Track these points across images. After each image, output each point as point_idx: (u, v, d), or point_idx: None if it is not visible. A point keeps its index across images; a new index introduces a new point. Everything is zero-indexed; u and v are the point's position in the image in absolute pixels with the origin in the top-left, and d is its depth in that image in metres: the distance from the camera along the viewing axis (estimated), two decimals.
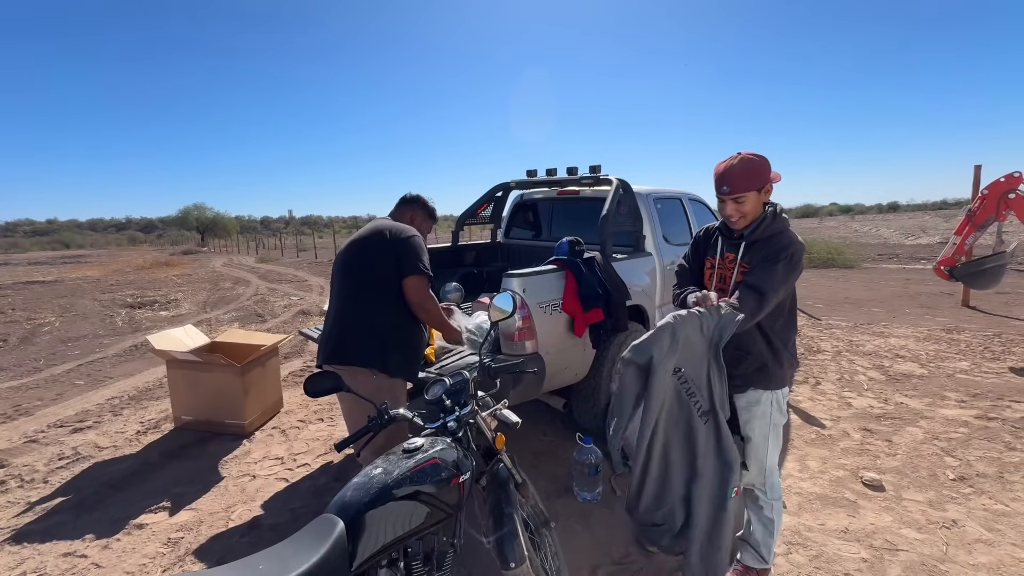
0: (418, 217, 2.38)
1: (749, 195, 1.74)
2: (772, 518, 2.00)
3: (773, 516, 2.00)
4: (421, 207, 2.41)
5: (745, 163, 1.73)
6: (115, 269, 18.66)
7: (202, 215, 51.38)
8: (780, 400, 1.94)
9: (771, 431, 1.93)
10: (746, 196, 1.74)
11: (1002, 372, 4.40)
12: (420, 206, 2.41)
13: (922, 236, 20.69)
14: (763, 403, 1.92)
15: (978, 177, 6.77)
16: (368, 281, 2.14)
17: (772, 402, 1.92)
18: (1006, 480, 2.75)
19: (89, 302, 10.40)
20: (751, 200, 1.75)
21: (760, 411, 1.93)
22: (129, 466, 3.20)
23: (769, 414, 1.92)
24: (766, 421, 1.93)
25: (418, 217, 2.38)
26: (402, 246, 2.13)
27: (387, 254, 2.11)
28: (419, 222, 2.36)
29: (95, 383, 4.99)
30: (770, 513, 2.00)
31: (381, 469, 1.33)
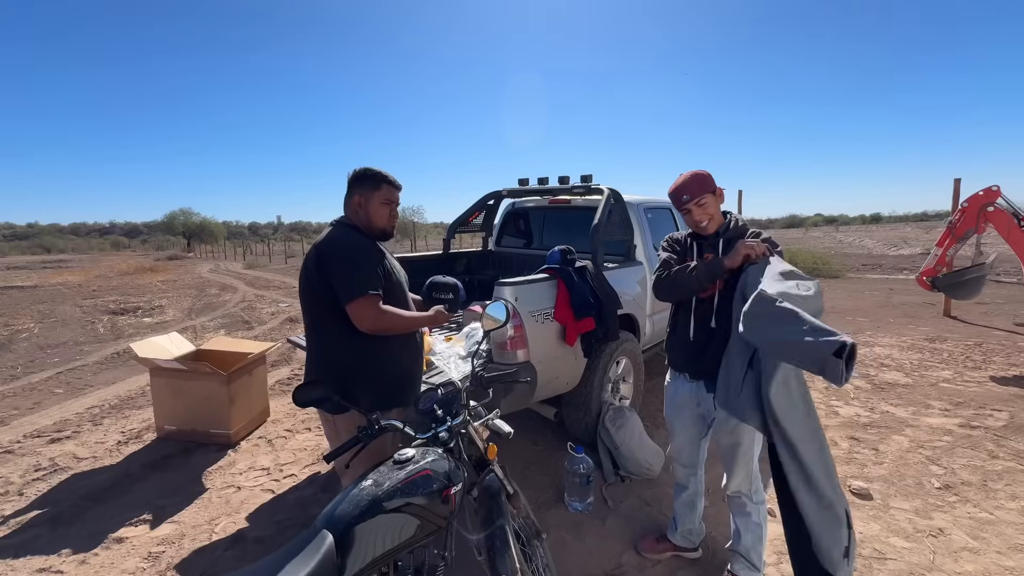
0: (364, 194, 1.85)
1: (707, 197, 1.89)
2: (760, 523, 2.01)
3: (760, 521, 2.01)
4: (363, 182, 1.86)
5: (694, 175, 1.92)
6: (98, 274, 18.29)
7: (188, 220, 50.71)
8: None
9: (757, 434, 1.92)
10: (705, 198, 1.89)
11: (983, 381, 4.48)
12: (361, 181, 1.86)
13: (904, 247, 21.14)
14: None
15: (958, 190, 6.95)
16: (315, 312, 1.83)
17: None
18: (990, 488, 2.79)
19: (70, 308, 10.17)
20: (711, 202, 1.90)
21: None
22: (109, 477, 3.11)
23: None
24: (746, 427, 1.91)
25: (364, 194, 1.85)
26: (330, 268, 1.73)
27: (322, 280, 1.75)
28: (367, 200, 1.85)
29: (75, 391, 4.86)
30: (757, 518, 2.01)
31: (371, 481, 1.31)
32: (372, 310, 1.72)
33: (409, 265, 4.30)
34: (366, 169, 1.88)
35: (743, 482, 1.99)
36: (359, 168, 1.89)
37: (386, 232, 1.93)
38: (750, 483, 1.98)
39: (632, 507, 2.69)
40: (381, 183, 1.88)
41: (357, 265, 1.75)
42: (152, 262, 25.41)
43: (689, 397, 2.08)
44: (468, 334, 2.96)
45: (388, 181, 1.89)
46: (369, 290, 1.73)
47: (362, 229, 1.88)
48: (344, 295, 1.72)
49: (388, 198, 1.89)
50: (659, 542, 2.32)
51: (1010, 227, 5.23)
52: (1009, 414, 3.74)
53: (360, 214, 1.87)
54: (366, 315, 1.72)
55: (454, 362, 2.69)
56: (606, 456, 3.00)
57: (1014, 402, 3.97)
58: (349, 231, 1.85)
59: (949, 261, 6.09)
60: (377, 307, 1.74)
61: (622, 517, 2.60)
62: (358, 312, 1.71)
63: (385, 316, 1.76)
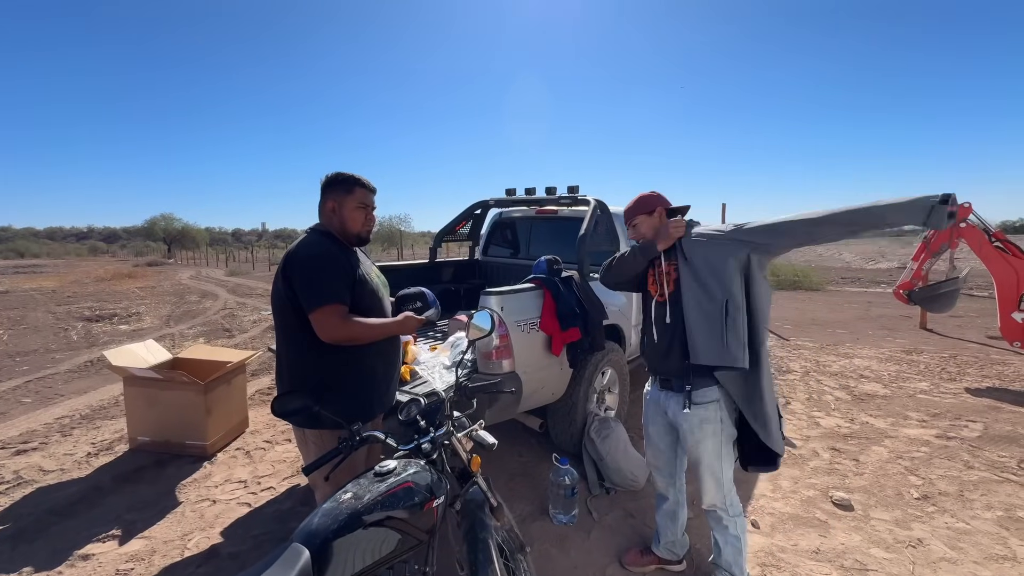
0: (336, 199, 1.81)
1: (639, 218, 2.10)
2: (738, 535, 2.00)
3: (739, 533, 2.00)
4: (335, 187, 1.82)
5: (635, 200, 2.13)
6: (73, 280, 17.78)
7: (170, 226, 49.78)
8: (726, 411, 1.92)
9: (723, 447, 1.93)
10: (636, 219, 2.10)
11: (959, 392, 4.59)
12: (334, 186, 1.82)
13: (881, 261, 21.70)
14: (712, 420, 1.91)
15: None
16: (284, 320, 1.78)
17: (720, 419, 1.91)
18: (966, 498, 2.83)
19: (42, 314, 9.85)
20: (642, 222, 2.09)
21: (711, 429, 1.91)
22: (76, 491, 2.99)
23: (720, 430, 1.92)
24: (718, 438, 1.92)
25: (336, 199, 1.81)
26: (295, 276, 1.69)
27: (289, 288, 1.70)
28: (340, 205, 1.81)
29: (44, 401, 4.69)
30: (735, 530, 2.00)
31: (351, 494, 1.28)
32: (334, 319, 1.67)
33: (395, 274, 4.27)
34: (338, 173, 1.84)
35: (716, 496, 1.97)
36: (331, 173, 1.84)
37: (361, 237, 1.88)
38: (723, 497, 1.97)
39: (617, 519, 2.67)
40: (354, 186, 1.83)
41: (322, 273, 1.69)
42: (131, 268, 24.83)
43: (659, 404, 2.11)
44: (453, 343, 2.93)
45: (361, 184, 1.84)
46: (332, 300, 1.67)
47: (337, 235, 1.83)
48: (308, 304, 1.67)
49: (362, 201, 1.84)
50: (643, 555, 2.31)
51: (981, 243, 5.40)
52: (983, 425, 3.83)
53: (334, 220, 1.83)
54: (328, 325, 1.67)
55: (439, 372, 2.66)
56: (591, 467, 2.98)
57: (988, 413, 4.06)
58: (320, 238, 1.80)
59: (924, 275, 6.26)
60: (339, 317, 1.68)
61: (607, 529, 2.58)
62: (320, 322, 1.67)
63: (348, 326, 1.70)
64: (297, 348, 1.79)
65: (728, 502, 1.98)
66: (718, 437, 1.92)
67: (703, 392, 1.91)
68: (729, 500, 1.98)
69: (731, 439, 1.96)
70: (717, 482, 1.96)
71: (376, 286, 1.89)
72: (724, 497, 1.97)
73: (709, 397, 1.91)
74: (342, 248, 1.82)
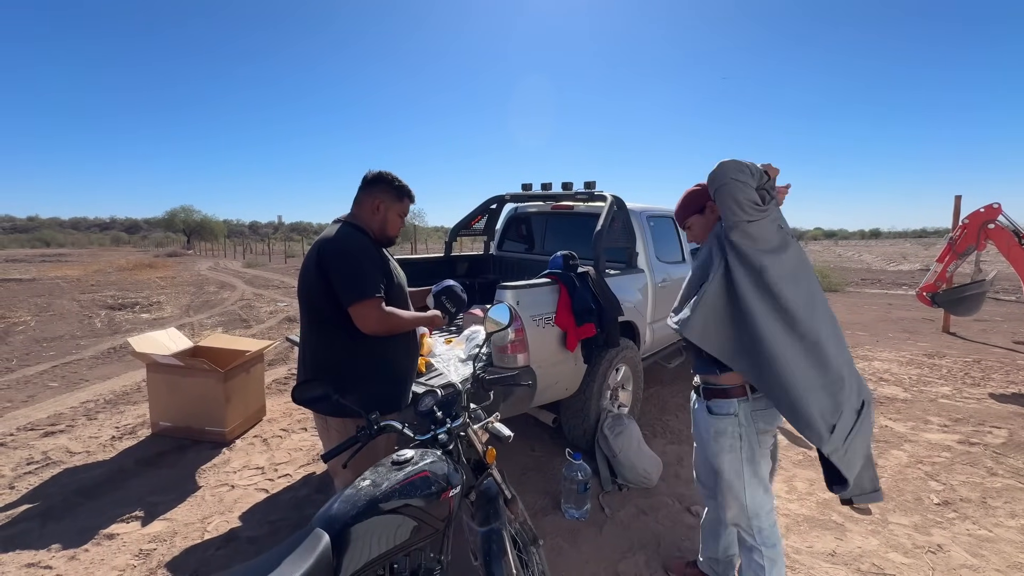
0: (384, 201, 1.86)
1: (691, 219, 1.93)
2: (763, 565, 1.78)
3: (764, 563, 1.78)
4: (385, 188, 1.86)
5: (681, 200, 1.96)
6: (96, 269, 18.25)
7: (189, 217, 50.75)
8: (748, 430, 1.73)
9: (745, 466, 1.74)
10: (689, 221, 1.94)
11: (982, 398, 4.47)
12: (384, 186, 1.86)
13: (903, 263, 21.20)
14: (727, 435, 1.76)
15: (958, 207, 6.97)
16: (313, 311, 1.81)
17: (739, 435, 1.74)
18: (989, 505, 2.77)
19: (67, 302, 10.13)
20: (695, 223, 1.92)
21: (728, 444, 1.76)
22: (101, 473, 3.09)
23: (739, 447, 1.74)
24: (736, 456, 1.75)
25: (384, 201, 1.86)
26: (334, 268, 1.71)
27: (323, 280, 1.73)
28: (386, 208, 1.87)
29: (70, 385, 4.83)
30: (760, 559, 1.79)
31: (369, 481, 1.30)
32: (376, 312, 1.72)
33: (411, 267, 4.30)
34: (393, 178, 1.89)
35: (738, 516, 1.81)
36: (384, 172, 1.89)
37: (392, 240, 1.97)
38: (747, 520, 1.79)
39: (629, 516, 2.67)
40: (404, 196, 1.92)
41: (361, 267, 1.74)
42: (151, 258, 25.39)
43: (694, 410, 1.99)
44: (469, 336, 2.95)
45: (410, 196, 1.95)
46: (374, 293, 1.72)
47: (368, 232, 1.88)
48: (347, 297, 1.71)
49: (405, 211, 1.95)
50: (688, 567, 2.20)
51: (1010, 245, 5.25)
52: (1008, 431, 3.73)
53: (375, 218, 1.88)
54: (370, 317, 1.72)
55: (454, 364, 2.68)
56: (604, 464, 2.98)
57: (1013, 420, 3.96)
58: (354, 232, 1.84)
59: (949, 277, 6.10)
60: (380, 309, 1.73)
61: (618, 525, 2.58)
62: (362, 314, 1.71)
63: (389, 318, 1.76)
64: (326, 338, 1.83)
65: (754, 528, 1.79)
66: (736, 455, 1.75)
67: (719, 403, 1.77)
68: (755, 527, 1.78)
69: (759, 462, 1.77)
70: (738, 503, 1.79)
71: (401, 280, 1.97)
72: (748, 521, 1.78)
73: (724, 409, 1.76)
74: (374, 243, 1.89)
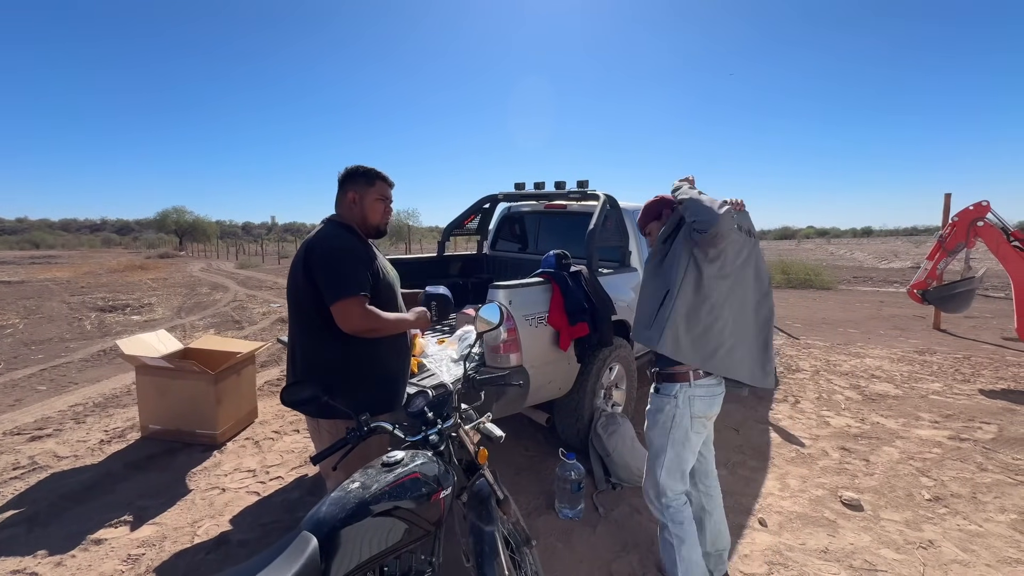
0: (358, 191, 1.85)
1: (650, 226, 2.12)
2: (671, 542, 1.94)
3: (673, 540, 1.93)
4: (355, 178, 1.86)
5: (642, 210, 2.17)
6: (87, 271, 18.06)
7: (181, 218, 50.30)
8: (682, 412, 1.90)
9: (669, 447, 1.93)
10: (648, 227, 2.13)
11: (972, 394, 4.51)
12: (354, 178, 1.86)
13: (895, 260, 21.39)
14: (664, 413, 1.94)
15: (948, 205, 7.04)
16: (301, 311, 1.80)
17: (672, 415, 1.91)
18: (979, 501, 2.79)
19: (57, 304, 10.01)
20: (653, 228, 2.11)
21: (661, 421, 1.95)
22: (90, 477, 3.04)
23: (669, 427, 1.92)
24: (665, 434, 1.93)
25: (358, 191, 1.85)
26: (319, 267, 1.70)
27: (308, 279, 1.72)
28: (361, 197, 1.85)
29: (58, 389, 4.77)
30: (670, 537, 1.94)
31: (359, 484, 1.28)
32: (357, 310, 1.68)
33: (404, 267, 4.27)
34: (359, 166, 1.88)
35: (649, 487, 2.02)
36: (351, 166, 1.88)
37: (380, 229, 1.92)
38: (656, 494, 1.98)
39: (623, 515, 2.66)
40: (375, 179, 1.87)
41: (344, 265, 1.71)
42: (143, 260, 25.15)
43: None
44: (461, 337, 2.94)
45: (382, 177, 1.89)
46: (356, 291, 1.69)
47: (355, 227, 1.86)
48: (330, 295, 1.68)
49: (382, 194, 1.89)
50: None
51: (999, 242, 5.30)
52: (998, 427, 3.77)
53: (355, 211, 1.86)
54: (351, 316, 1.68)
55: (446, 365, 2.66)
56: (597, 463, 2.98)
57: (1003, 415, 4.00)
58: (340, 230, 1.82)
59: (939, 275, 6.15)
60: (362, 308, 1.69)
61: (612, 524, 2.58)
62: (343, 313, 1.68)
63: (370, 317, 1.71)
64: (315, 339, 1.80)
65: (662, 504, 1.96)
66: (665, 433, 1.93)
67: (665, 386, 1.97)
68: (664, 503, 1.95)
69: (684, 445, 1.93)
70: (653, 477, 1.99)
71: (391, 279, 1.92)
72: (657, 497, 1.97)
73: (667, 391, 1.95)
74: (361, 240, 1.86)
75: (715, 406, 1.98)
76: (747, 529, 2.54)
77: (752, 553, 2.36)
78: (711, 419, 2.01)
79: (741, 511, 2.67)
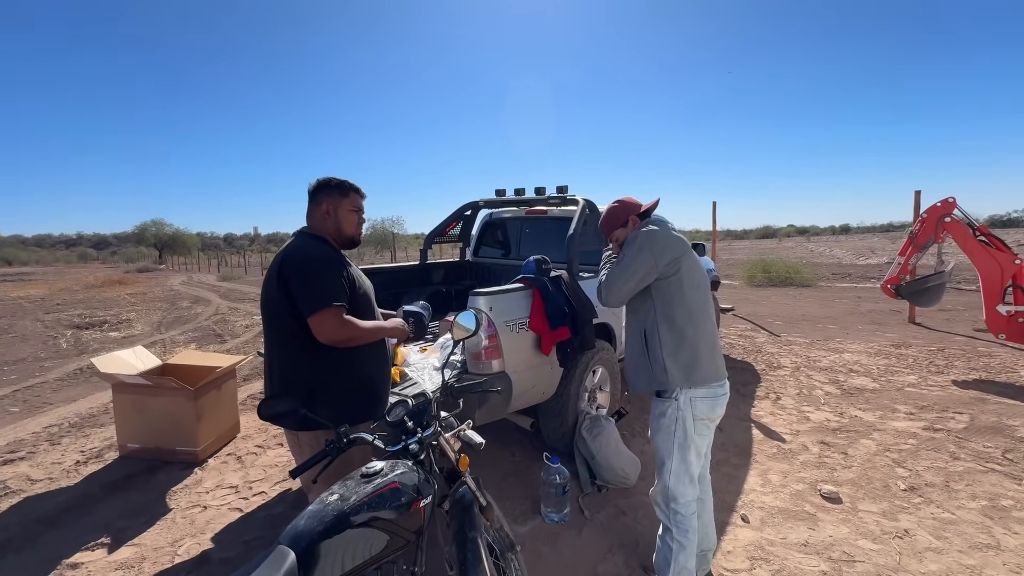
0: (331, 203, 1.85)
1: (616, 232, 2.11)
2: (672, 547, 1.94)
3: (674, 546, 1.93)
4: (328, 190, 1.86)
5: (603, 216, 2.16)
6: (62, 287, 17.60)
7: (161, 231, 49.42)
8: (685, 414, 1.90)
9: (675, 450, 1.92)
10: (614, 234, 2.12)
11: (946, 385, 4.65)
12: (327, 190, 1.86)
13: (872, 256, 21.91)
14: (667, 416, 1.93)
15: (918, 202, 7.26)
16: (277, 324, 1.79)
17: (676, 417, 1.91)
18: (952, 489, 2.88)
19: (31, 323, 9.74)
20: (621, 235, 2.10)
21: (664, 424, 1.94)
22: (65, 500, 2.97)
23: (673, 430, 1.92)
24: (670, 437, 1.93)
25: (331, 203, 1.85)
26: (294, 279, 1.69)
27: (284, 292, 1.71)
28: (335, 208, 1.85)
29: (32, 409, 4.64)
30: (671, 541, 1.95)
31: (337, 495, 1.28)
32: (334, 321, 1.68)
33: (387, 276, 4.26)
34: (331, 178, 1.89)
35: (659, 494, 2.01)
36: (322, 178, 1.88)
37: (354, 240, 1.93)
38: (666, 500, 1.98)
39: (609, 517, 2.68)
40: (349, 191, 1.89)
41: (320, 276, 1.71)
42: (121, 274, 24.59)
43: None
44: (443, 345, 2.94)
45: (355, 189, 1.91)
46: (333, 301, 1.69)
47: (329, 239, 1.86)
48: (307, 306, 1.68)
49: (356, 206, 1.91)
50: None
51: (966, 237, 5.48)
52: (970, 416, 3.88)
53: (328, 223, 1.86)
54: (328, 326, 1.68)
55: (428, 373, 2.66)
56: (583, 465, 3.00)
57: (974, 405, 4.12)
58: (313, 241, 1.83)
59: (912, 269, 6.33)
60: (339, 318, 1.69)
61: (598, 527, 2.60)
62: (320, 324, 1.67)
63: (347, 327, 1.72)
64: (292, 352, 1.79)
65: (671, 510, 1.96)
66: (670, 436, 1.93)
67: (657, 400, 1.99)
68: (673, 509, 1.95)
69: (689, 448, 1.93)
70: (662, 483, 1.98)
71: (367, 288, 1.93)
72: (667, 503, 1.97)
73: (668, 393, 1.95)
74: (335, 251, 1.86)
75: (718, 408, 1.96)
76: (730, 526, 2.58)
77: (735, 549, 2.40)
78: (715, 421, 1.99)
79: (724, 508, 2.71)
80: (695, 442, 1.94)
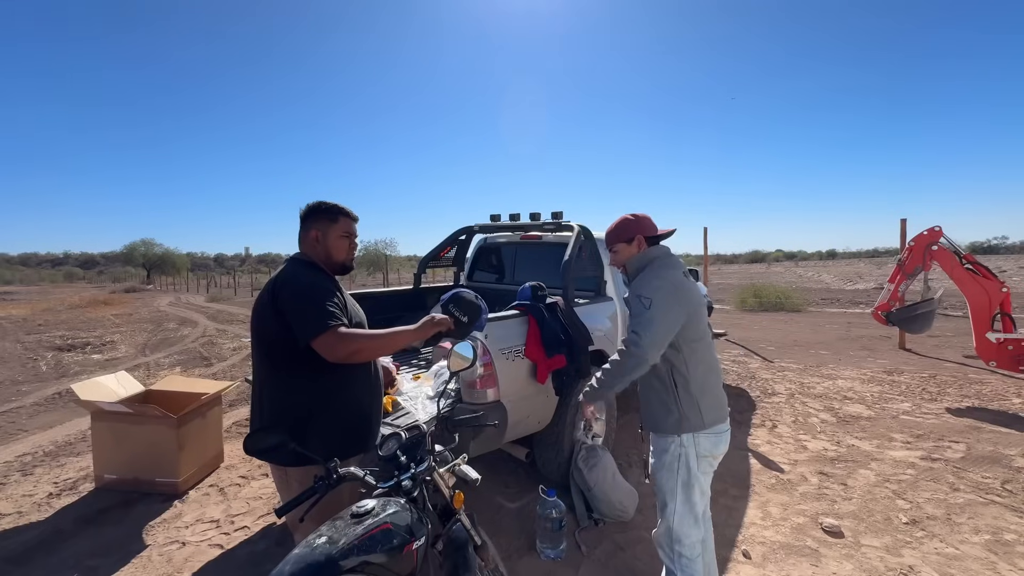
0: (321, 229, 1.80)
1: (619, 246, 2.04)
2: None
3: None
4: (317, 216, 1.81)
5: (613, 226, 2.07)
6: (45, 308, 17.25)
7: (150, 251, 48.96)
8: (688, 451, 1.85)
9: (679, 489, 1.87)
10: (617, 247, 2.05)
11: (940, 413, 4.64)
12: (316, 215, 1.81)
13: (859, 282, 22.24)
14: (669, 452, 1.88)
15: (904, 230, 7.40)
16: (268, 353, 1.74)
17: (678, 454, 1.86)
18: (954, 522, 2.83)
19: (10, 344, 9.48)
20: (622, 249, 2.04)
21: (667, 462, 1.89)
22: (35, 536, 2.81)
23: (676, 467, 1.87)
24: (673, 475, 1.88)
25: (321, 229, 1.80)
26: (289, 305, 1.64)
27: (277, 319, 1.65)
28: (324, 234, 1.81)
29: (5, 437, 4.45)
30: None
31: (325, 538, 1.21)
32: (340, 341, 1.60)
33: (379, 300, 4.21)
34: (320, 203, 1.84)
35: (663, 535, 1.96)
36: (312, 202, 1.83)
37: (346, 265, 1.88)
38: (670, 541, 1.92)
39: (606, 552, 2.59)
40: (338, 215, 1.83)
41: (315, 301, 1.65)
42: (107, 295, 24.22)
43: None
44: (437, 372, 2.88)
45: (345, 213, 1.85)
46: (329, 321, 1.61)
47: (320, 264, 1.82)
48: (306, 332, 1.61)
49: (346, 230, 1.85)
50: None
51: (953, 265, 5.57)
52: (966, 445, 3.86)
53: (319, 248, 1.82)
54: (334, 346, 1.59)
55: (422, 402, 2.59)
56: (579, 498, 2.91)
57: (969, 433, 4.10)
58: (305, 267, 1.78)
59: (901, 296, 6.40)
60: (341, 334, 1.61)
61: (596, 564, 2.50)
62: (325, 345, 1.59)
63: (357, 339, 1.63)
64: (281, 380, 1.73)
65: (675, 552, 1.90)
66: (673, 475, 1.88)
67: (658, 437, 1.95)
68: (677, 551, 1.90)
69: (693, 487, 1.88)
70: (666, 523, 1.93)
71: (360, 319, 1.87)
72: (671, 544, 1.91)
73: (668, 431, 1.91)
74: (328, 277, 1.82)
75: (721, 444, 1.91)
76: (731, 562, 2.50)
77: None
78: (718, 459, 1.94)
79: (725, 543, 2.63)
80: (699, 480, 1.88)
